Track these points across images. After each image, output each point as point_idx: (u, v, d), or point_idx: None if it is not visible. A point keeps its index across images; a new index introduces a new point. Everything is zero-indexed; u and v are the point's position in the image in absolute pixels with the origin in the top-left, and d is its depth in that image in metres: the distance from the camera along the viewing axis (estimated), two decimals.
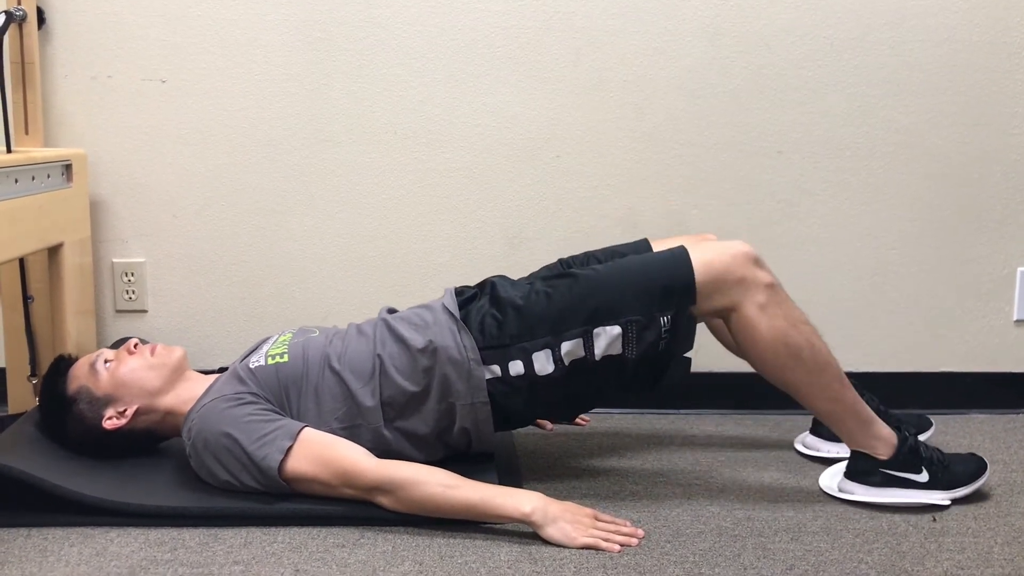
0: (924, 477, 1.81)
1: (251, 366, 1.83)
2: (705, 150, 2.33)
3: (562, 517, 1.66)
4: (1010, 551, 1.65)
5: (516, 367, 1.77)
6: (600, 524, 1.68)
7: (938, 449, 1.87)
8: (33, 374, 2.22)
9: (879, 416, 1.84)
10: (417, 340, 1.79)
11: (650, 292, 1.74)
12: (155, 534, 1.66)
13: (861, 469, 1.83)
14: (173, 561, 1.58)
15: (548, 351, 1.75)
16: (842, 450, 1.95)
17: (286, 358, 1.83)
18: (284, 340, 1.90)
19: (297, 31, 2.27)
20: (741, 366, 1.86)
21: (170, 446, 1.92)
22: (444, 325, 1.80)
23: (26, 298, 2.20)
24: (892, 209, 2.37)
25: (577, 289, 1.78)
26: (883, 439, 1.81)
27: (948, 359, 2.43)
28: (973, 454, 1.91)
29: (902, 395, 2.42)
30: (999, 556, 1.63)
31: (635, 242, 2.05)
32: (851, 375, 2.38)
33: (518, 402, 1.79)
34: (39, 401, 1.92)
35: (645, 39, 2.29)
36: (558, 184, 2.34)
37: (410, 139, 2.31)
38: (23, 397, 2.23)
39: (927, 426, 2.15)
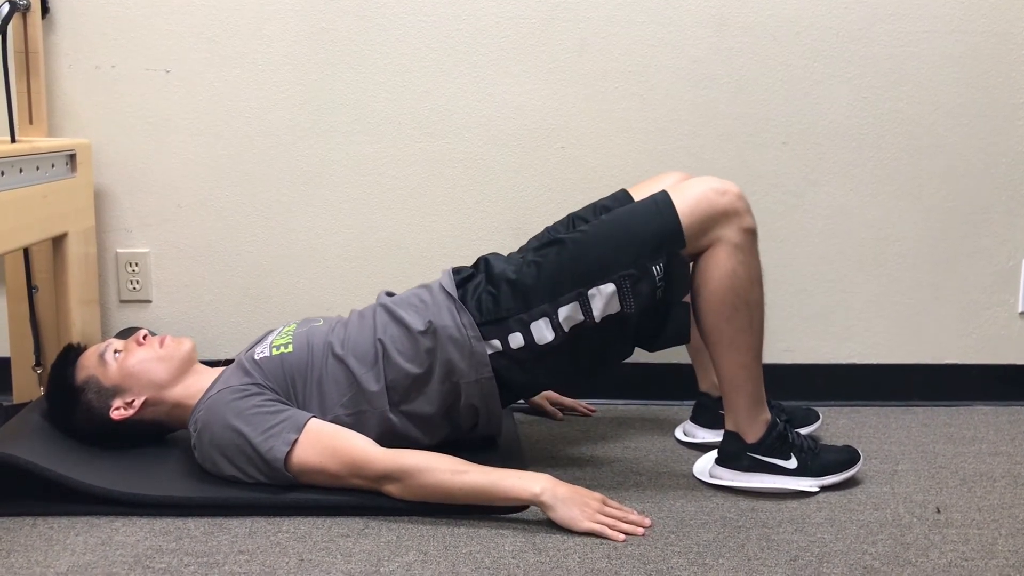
0: (792, 463, 1.82)
1: (256, 357, 1.83)
2: (710, 141, 2.33)
3: (571, 499, 1.66)
4: (1014, 543, 1.65)
5: (516, 339, 1.77)
6: (607, 510, 1.68)
7: (811, 438, 1.90)
8: (38, 364, 2.22)
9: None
10: (417, 323, 1.80)
11: (638, 244, 1.74)
12: (160, 523, 1.67)
13: (730, 452, 1.84)
14: (178, 550, 1.58)
15: (546, 319, 1.76)
16: (718, 436, 1.93)
17: (291, 348, 1.84)
18: (288, 331, 1.90)
19: (301, 21, 2.27)
20: None
21: (175, 436, 1.93)
22: (442, 305, 1.81)
23: (31, 288, 2.21)
24: (897, 200, 2.37)
25: (565, 254, 1.78)
26: (759, 424, 1.82)
27: (953, 351, 2.43)
28: (848, 446, 1.91)
29: (906, 387, 2.42)
30: (1003, 548, 1.63)
31: (614, 194, 2.05)
32: (855, 367, 2.42)
33: (521, 374, 1.80)
34: (47, 390, 1.92)
35: (650, 29, 2.28)
36: (563, 175, 2.33)
37: (415, 130, 2.31)
38: (28, 387, 2.23)
39: (814, 419, 2.14)
